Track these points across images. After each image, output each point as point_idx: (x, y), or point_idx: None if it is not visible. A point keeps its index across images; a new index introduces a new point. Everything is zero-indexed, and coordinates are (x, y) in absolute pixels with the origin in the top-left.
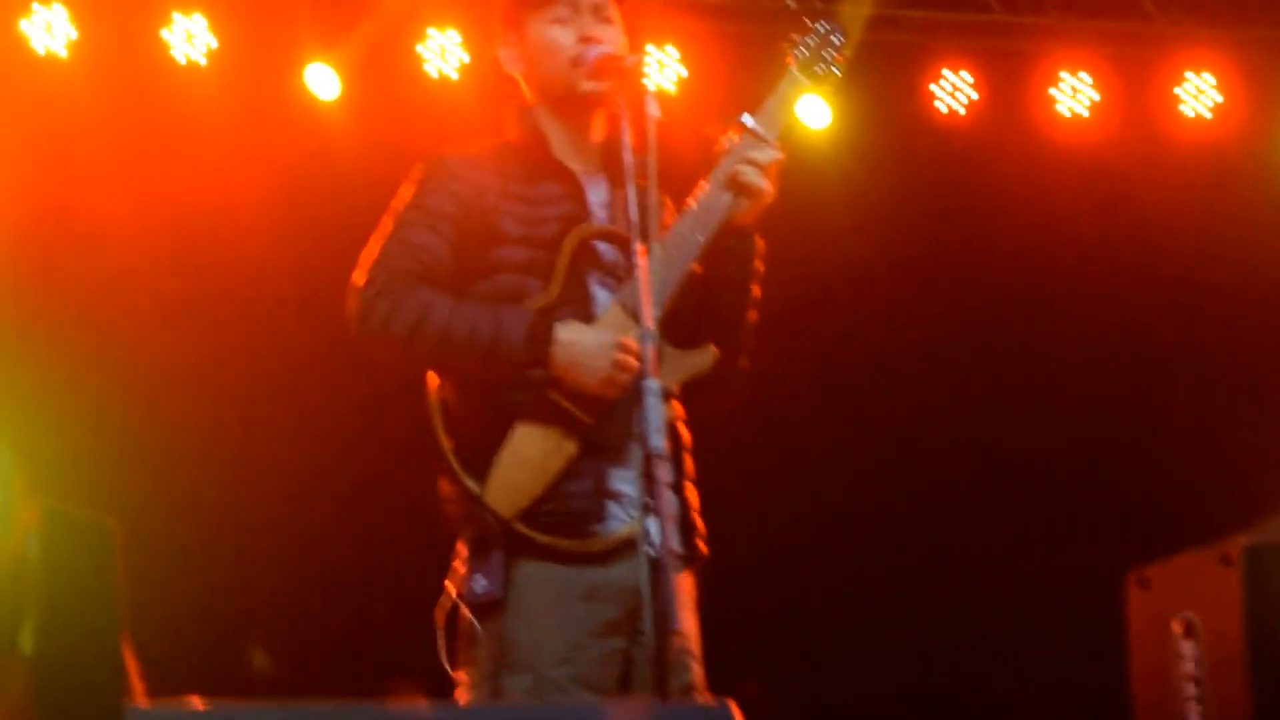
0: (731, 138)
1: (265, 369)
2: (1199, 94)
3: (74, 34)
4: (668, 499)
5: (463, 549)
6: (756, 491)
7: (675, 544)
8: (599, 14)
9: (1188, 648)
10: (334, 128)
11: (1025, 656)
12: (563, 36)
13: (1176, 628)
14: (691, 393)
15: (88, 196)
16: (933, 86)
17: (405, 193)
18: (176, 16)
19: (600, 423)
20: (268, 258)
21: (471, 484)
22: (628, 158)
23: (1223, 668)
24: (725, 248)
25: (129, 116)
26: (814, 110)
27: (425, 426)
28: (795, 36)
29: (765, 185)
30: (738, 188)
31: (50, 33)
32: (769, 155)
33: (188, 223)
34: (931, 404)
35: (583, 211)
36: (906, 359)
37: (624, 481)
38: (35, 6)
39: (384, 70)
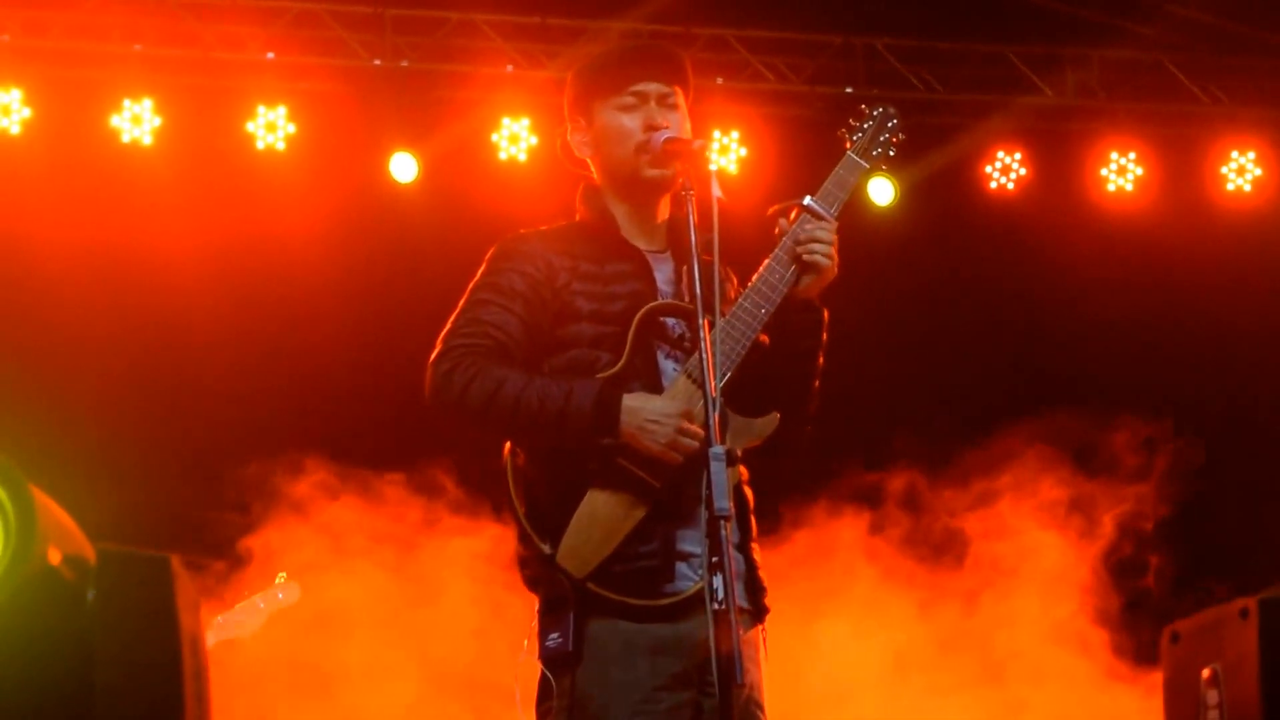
0: (794, 217)
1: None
2: (1241, 172)
3: (158, 122)
4: (734, 558)
5: (538, 606)
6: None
7: (741, 600)
8: (665, 102)
9: (1212, 696)
10: (411, 211)
11: None
12: (630, 123)
13: (1205, 675)
14: (755, 457)
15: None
16: (987, 168)
17: (480, 272)
18: (261, 109)
19: (668, 487)
20: (346, 333)
21: (545, 546)
22: (693, 235)
23: (1243, 716)
24: (790, 320)
25: (208, 198)
26: (879, 188)
27: (501, 493)
28: (853, 122)
29: (827, 260)
30: (801, 263)
31: (138, 124)
32: (829, 232)
33: (269, 301)
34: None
35: (650, 288)
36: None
37: (692, 543)
38: (125, 102)
39: (458, 155)
